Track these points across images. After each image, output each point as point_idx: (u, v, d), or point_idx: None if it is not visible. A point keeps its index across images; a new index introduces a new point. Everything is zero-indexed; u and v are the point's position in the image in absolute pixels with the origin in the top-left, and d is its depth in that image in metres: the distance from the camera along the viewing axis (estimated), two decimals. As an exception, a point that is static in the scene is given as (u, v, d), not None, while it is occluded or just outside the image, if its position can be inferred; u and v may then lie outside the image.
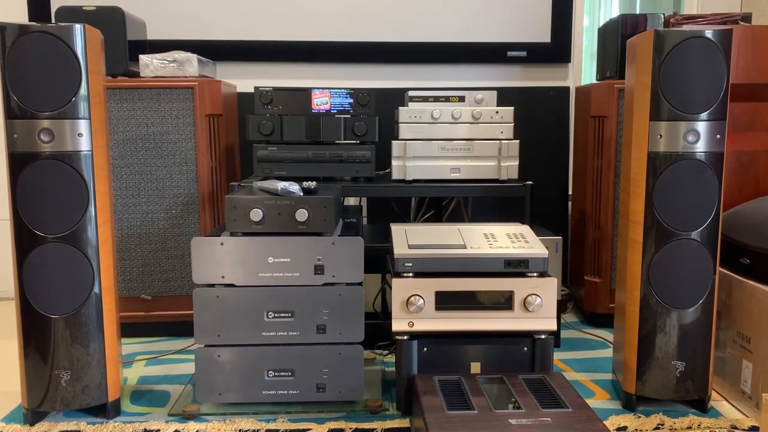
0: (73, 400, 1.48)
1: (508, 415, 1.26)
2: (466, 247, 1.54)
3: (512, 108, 1.96)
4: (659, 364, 1.52)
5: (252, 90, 2.29)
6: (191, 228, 2.05)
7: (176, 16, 2.46)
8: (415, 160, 1.94)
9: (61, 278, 1.43)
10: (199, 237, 1.50)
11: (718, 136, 1.46)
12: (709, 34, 1.43)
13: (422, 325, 1.51)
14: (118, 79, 2.03)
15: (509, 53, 2.54)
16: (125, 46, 2.04)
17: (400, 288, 1.50)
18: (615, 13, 2.84)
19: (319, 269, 1.51)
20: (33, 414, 1.49)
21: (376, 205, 2.54)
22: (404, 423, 1.51)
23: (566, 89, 2.57)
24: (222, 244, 1.49)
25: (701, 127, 1.45)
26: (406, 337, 1.51)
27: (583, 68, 2.71)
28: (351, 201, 2.50)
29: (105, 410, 1.52)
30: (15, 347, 2.01)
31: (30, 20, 2.42)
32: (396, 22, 2.51)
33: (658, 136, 1.47)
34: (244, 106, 2.42)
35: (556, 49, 2.55)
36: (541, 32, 2.55)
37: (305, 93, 1.94)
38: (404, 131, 1.95)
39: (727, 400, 1.63)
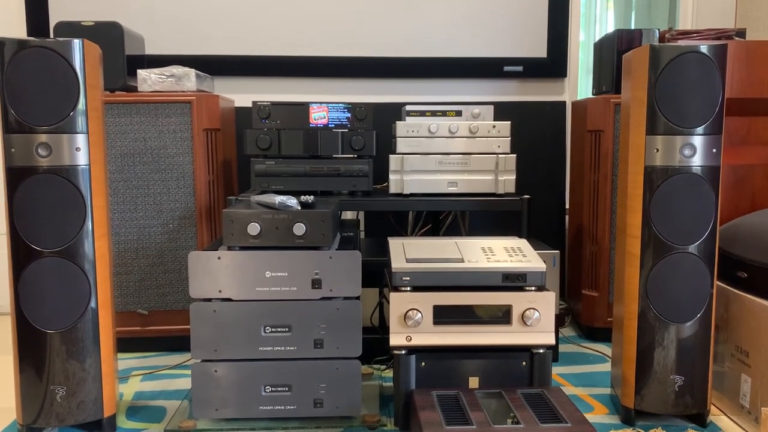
0: (68, 416, 1.47)
1: (506, 430, 1.26)
2: (463, 261, 1.54)
3: (509, 122, 1.96)
4: (658, 379, 1.52)
5: (250, 104, 2.29)
6: (188, 242, 2.05)
7: (174, 31, 2.47)
8: (412, 174, 1.94)
9: (58, 293, 1.43)
10: (197, 251, 1.49)
11: (714, 150, 1.47)
12: (704, 49, 1.44)
13: (420, 340, 1.50)
14: (116, 94, 2.03)
15: (506, 68, 2.56)
16: (123, 61, 2.05)
17: (398, 302, 1.50)
18: (610, 28, 2.86)
19: (316, 283, 1.51)
20: (28, 430, 1.48)
21: (373, 219, 2.54)
22: (402, 438, 1.50)
23: (563, 104, 2.58)
24: (219, 258, 1.49)
25: (697, 141, 1.46)
26: (404, 352, 1.50)
27: (579, 83, 2.73)
28: (348, 215, 2.50)
29: (101, 426, 1.51)
30: (10, 362, 2.00)
31: (28, 35, 2.43)
32: (393, 37, 2.53)
33: (655, 150, 1.47)
34: (242, 121, 2.43)
35: (553, 64, 2.57)
36: (537, 47, 2.56)
37: (303, 107, 1.95)
38: (401, 145, 1.95)
39: (726, 415, 1.62)
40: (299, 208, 1.54)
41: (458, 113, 2.00)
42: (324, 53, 2.52)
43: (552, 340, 1.51)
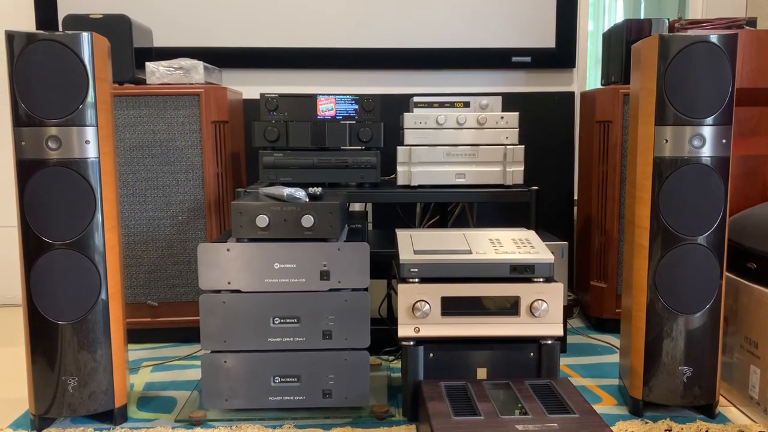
0: (80, 407, 1.48)
1: (514, 420, 1.26)
2: (471, 253, 1.54)
3: (517, 113, 1.96)
4: (666, 370, 1.52)
5: (258, 96, 2.29)
6: (197, 234, 2.06)
7: (182, 23, 2.48)
8: (420, 166, 1.94)
9: (69, 285, 1.44)
10: (206, 243, 1.50)
11: (724, 141, 1.46)
12: (714, 38, 1.43)
13: (428, 331, 1.51)
14: (124, 87, 2.04)
15: (514, 59, 2.55)
16: (132, 54, 2.06)
17: (406, 293, 1.50)
18: (619, 18, 2.84)
19: (324, 275, 1.51)
20: (40, 420, 1.49)
21: (381, 211, 2.55)
22: (410, 429, 1.50)
23: (571, 94, 2.57)
24: (228, 250, 1.50)
25: (707, 131, 1.45)
26: (412, 343, 1.51)
27: (588, 73, 2.71)
28: (356, 207, 2.50)
29: (112, 416, 1.53)
30: (22, 354, 2.02)
31: (37, 29, 2.44)
32: (401, 28, 2.52)
33: (664, 141, 1.47)
34: (250, 113, 2.43)
35: (561, 55, 2.56)
36: (545, 37, 2.55)
37: (310, 99, 1.95)
38: (409, 137, 1.95)
39: (735, 406, 1.62)
40: (307, 200, 1.55)
41: (466, 104, 1.99)
42: (331, 45, 2.51)
43: (560, 331, 1.51)
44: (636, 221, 1.53)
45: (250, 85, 2.51)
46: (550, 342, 1.51)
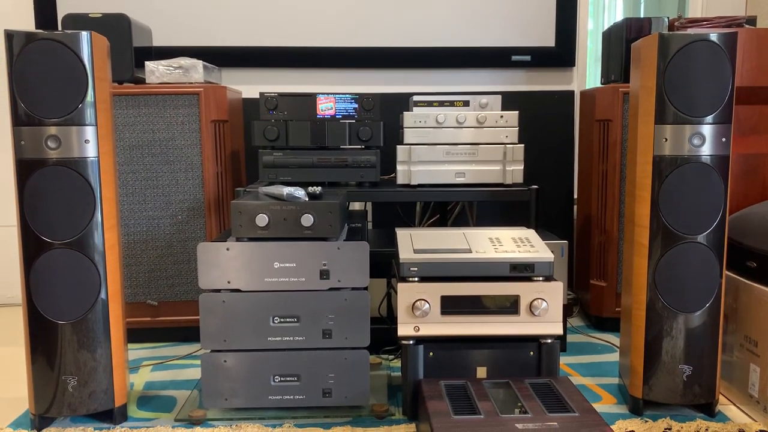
0: (80, 406, 1.48)
1: (514, 419, 1.26)
2: (471, 252, 1.54)
3: (517, 112, 1.96)
4: (666, 368, 1.52)
5: (257, 96, 2.29)
6: (197, 233, 2.06)
7: (182, 22, 2.47)
8: (420, 165, 1.94)
9: (68, 284, 1.44)
10: (205, 242, 1.50)
11: (724, 140, 1.46)
12: (713, 37, 1.43)
13: (428, 330, 1.51)
14: (124, 86, 2.04)
15: (514, 57, 2.54)
16: (131, 53, 2.06)
17: (406, 292, 1.50)
18: (619, 16, 2.84)
19: (324, 274, 1.51)
20: (40, 420, 1.49)
21: (381, 210, 2.54)
22: (410, 428, 1.50)
23: (571, 93, 2.57)
24: (228, 249, 1.50)
25: (706, 130, 1.45)
26: (411, 342, 1.51)
27: (588, 72, 2.71)
28: (356, 206, 2.50)
29: (112, 416, 1.53)
30: (22, 353, 2.02)
31: (37, 28, 2.44)
32: (400, 27, 2.52)
33: (664, 140, 1.47)
34: (250, 112, 2.43)
35: (561, 53, 2.56)
36: (545, 36, 2.55)
37: (310, 98, 1.95)
38: (409, 136, 1.95)
39: (735, 404, 1.62)
40: (307, 199, 1.55)
41: (466, 103, 1.99)
42: (331, 44, 2.51)
43: (560, 330, 1.51)
44: (636, 220, 1.53)
45: (249, 85, 2.51)
46: (549, 341, 1.51)
